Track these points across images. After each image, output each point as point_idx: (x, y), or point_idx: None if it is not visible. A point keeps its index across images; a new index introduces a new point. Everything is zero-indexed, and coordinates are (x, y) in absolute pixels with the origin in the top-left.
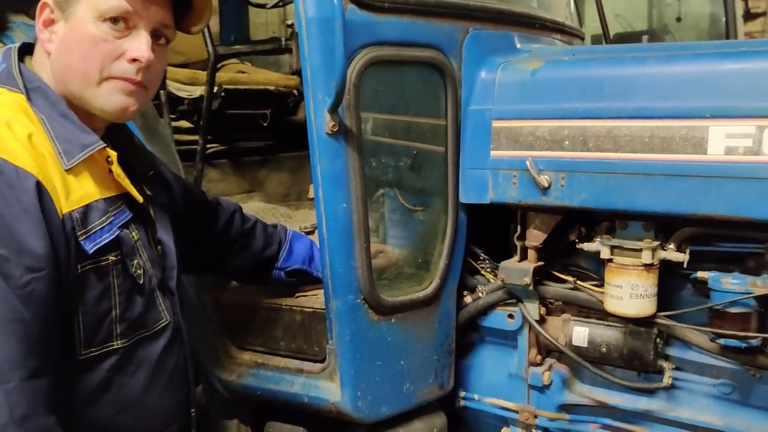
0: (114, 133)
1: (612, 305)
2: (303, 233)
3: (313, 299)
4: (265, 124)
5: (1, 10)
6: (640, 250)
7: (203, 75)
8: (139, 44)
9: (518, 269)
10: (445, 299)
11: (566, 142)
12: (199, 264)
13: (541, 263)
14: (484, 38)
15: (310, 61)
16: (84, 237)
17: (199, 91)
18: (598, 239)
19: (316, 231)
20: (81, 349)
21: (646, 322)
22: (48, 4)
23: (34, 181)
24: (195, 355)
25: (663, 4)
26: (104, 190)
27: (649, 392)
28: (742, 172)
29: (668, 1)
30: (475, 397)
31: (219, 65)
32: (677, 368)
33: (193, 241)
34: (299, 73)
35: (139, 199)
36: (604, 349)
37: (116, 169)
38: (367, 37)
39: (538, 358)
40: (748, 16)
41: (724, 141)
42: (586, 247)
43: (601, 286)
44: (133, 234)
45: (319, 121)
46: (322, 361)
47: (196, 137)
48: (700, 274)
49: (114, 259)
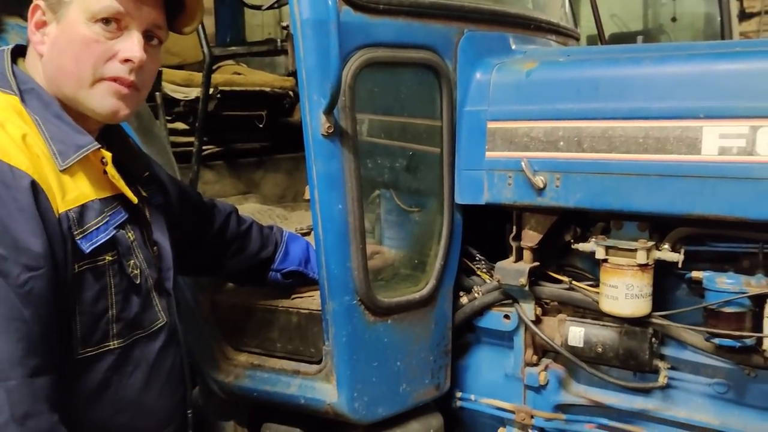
0: (108, 134)
1: (607, 305)
2: (299, 235)
3: (309, 301)
4: (261, 126)
5: None
6: (635, 251)
7: (199, 76)
8: (132, 45)
9: (514, 270)
10: (441, 300)
11: (561, 143)
12: (195, 266)
13: (537, 264)
14: (479, 39)
15: (305, 62)
16: (80, 236)
17: (194, 93)
18: (593, 239)
19: (312, 232)
20: (78, 349)
21: (641, 322)
22: (40, 6)
23: (29, 180)
24: (192, 357)
25: (658, 4)
26: (99, 190)
27: (645, 392)
28: (736, 173)
29: (663, 1)
30: (472, 397)
31: (215, 67)
32: (673, 368)
33: (189, 243)
34: (295, 75)
35: (134, 199)
36: (600, 349)
37: (111, 170)
38: (362, 38)
39: (534, 358)
40: (744, 16)
41: (718, 141)
42: (582, 247)
43: (597, 286)
44: (129, 234)
45: (314, 122)
46: (319, 363)
47: (192, 139)
48: (695, 274)
49: (111, 259)
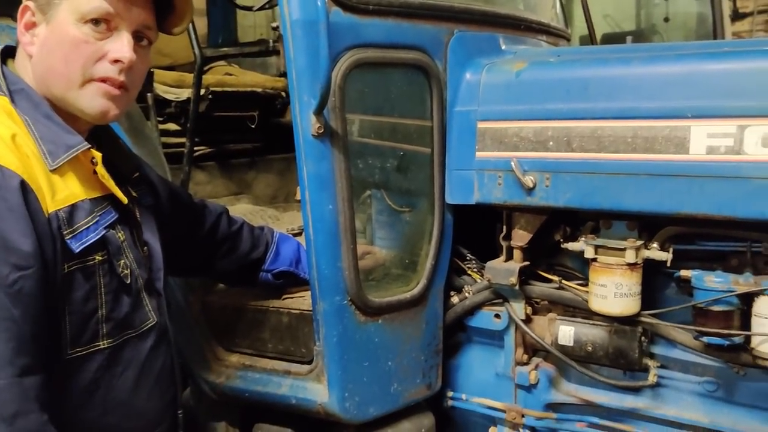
0: (98, 135)
1: (597, 304)
2: (290, 235)
3: (300, 301)
4: (253, 126)
5: None
6: (624, 250)
7: (190, 77)
8: (121, 45)
9: (504, 269)
10: (432, 299)
11: (551, 143)
12: (186, 266)
13: (527, 263)
14: (469, 40)
15: (295, 63)
16: (70, 236)
17: (186, 94)
18: (583, 239)
19: (304, 233)
20: (67, 349)
21: (630, 321)
22: (29, 7)
23: (19, 180)
24: (183, 358)
25: (651, 5)
26: (89, 190)
27: (635, 390)
28: (724, 172)
29: (656, 2)
30: (463, 396)
31: (206, 67)
32: (662, 366)
33: (180, 243)
34: (286, 75)
35: (124, 200)
36: (590, 348)
37: (101, 170)
38: (351, 39)
39: (525, 357)
40: (736, 16)
41: (706, 141)
42: (571, 246)
43: (587, 285)
44: (119, 235)
45: (304, 123)
46: (310, 363)
47: (184, 140)
48: (684, 273)
49: (100, 258)
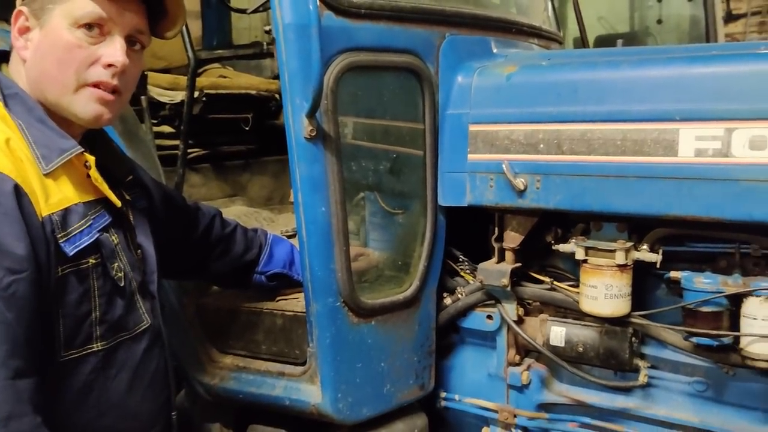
0: (92, 138)
1: (587, 305)
2: (284, 237)
3: (294, 303)
4: (247, 129)
5: None
6: (614, 251)
7: (184, 80)
8: (114, 50)
9: (496, 270)
10: (425, 301)
11: (541, 146)
12: (180, 268)
13: (519, 264)
14: (461, 43)
15: (288, 66)
16: (64, 240)
17: (180, 96)
18: (574, 240)
19: (297, 235)
20: (61, 352)
21: (621, 322)
22: (23, 12)
23: (12, 184)
24: (177, 359)
25: (644, 7)
26: (83, 194)
27: (626, 390)
28: (712, 174)
29: (650, 4)
30: (456, 397)
31: (201, 70)
32: (653, 367)
33: (174, 246)
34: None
35: (117, 203)
36: (581, 349)
37: (94, 173)
38: (343, 42)
39: (517, 358)
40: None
41: (694, 143)
42: (562, 248)
43: (577, 286)
44: (113, 238)
45: (297, 125)
46: (303, 364)
47: (178, 142)
48: (673, 274)
49: (94, 262)
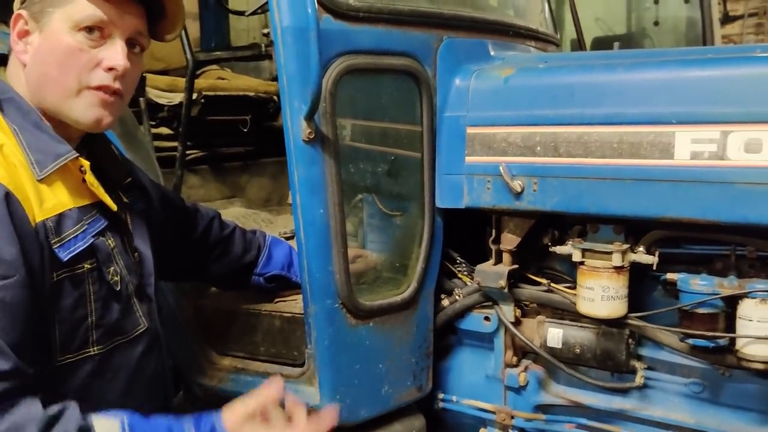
0: (90, 141)
1: (584, 307)
2: (282, 239)
3: (292, 304)
4: (246, 130)
5: None
6: (611, 253)
7: (183, 82)
8: (115, 53)
9: (493, 272)
10: (423, 303)
11: (538, 148)
12: (179, 270)
13: (516, 266)
14: (459, 46)
15: (286, 69)
16: (58, 245)
17: (178, 98)
18: (570, 242)
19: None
20: (57, 356)
21: (618, 323)
22: (22, 16)
23: (4, 191)
24: (175, 361)
25: (641, 8)
26: (78, 198)
27: (623, 392)
28: (708, 176)
29: (647, 5)
30: (453, 398)
31: (199, 72)
32: (649, 368)
33: (172, 248)
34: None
35: (113, 207)
36: (578, 350)
37: (89, 178)
38: (342, 45)
39: (514, 359)
40: (727, 19)
41: (690, 146)
42: (559, 250)
43: (574, 288)
44: (110, 242)
45: (295, 128)
46: (301, 366)
47: (176, 144)
48: (670, 276)
49: (89, 267)
